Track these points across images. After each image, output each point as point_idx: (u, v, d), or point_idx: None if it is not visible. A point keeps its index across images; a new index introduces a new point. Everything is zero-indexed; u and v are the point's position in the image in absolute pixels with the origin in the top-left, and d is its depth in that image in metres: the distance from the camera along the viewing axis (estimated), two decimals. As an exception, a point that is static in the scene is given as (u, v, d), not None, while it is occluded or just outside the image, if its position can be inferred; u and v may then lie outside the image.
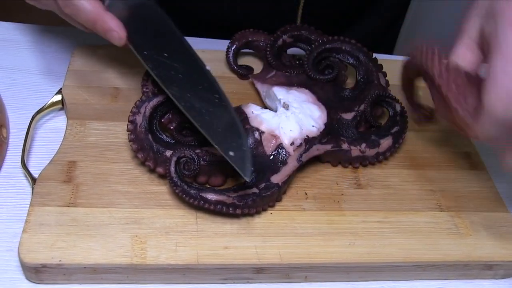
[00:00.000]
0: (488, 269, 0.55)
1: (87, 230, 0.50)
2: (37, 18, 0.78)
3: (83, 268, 0.48)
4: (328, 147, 0.59)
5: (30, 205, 0.51)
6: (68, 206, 0.52)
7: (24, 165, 0.56)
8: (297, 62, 0.68)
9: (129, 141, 0.55)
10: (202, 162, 0.54)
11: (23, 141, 0.58)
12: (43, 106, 0.62)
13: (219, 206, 0.52)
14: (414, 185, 0.61)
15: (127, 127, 0.55)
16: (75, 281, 0.50)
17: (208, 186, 0.56)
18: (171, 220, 0.52)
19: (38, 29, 0.74)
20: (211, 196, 0.52)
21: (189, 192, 0.52)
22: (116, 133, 0.59)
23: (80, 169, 0.55)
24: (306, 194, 0.57)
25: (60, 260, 0.48)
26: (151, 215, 0.52)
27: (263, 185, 0.54)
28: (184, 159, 0.53)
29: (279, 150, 0.56)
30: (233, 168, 0.56)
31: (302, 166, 0.58)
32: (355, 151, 0.60)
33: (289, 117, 0.58)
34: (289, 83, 0.65)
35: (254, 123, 0.57)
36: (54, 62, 0.69)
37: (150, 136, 0.55)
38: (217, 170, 0.56)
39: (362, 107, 0.63)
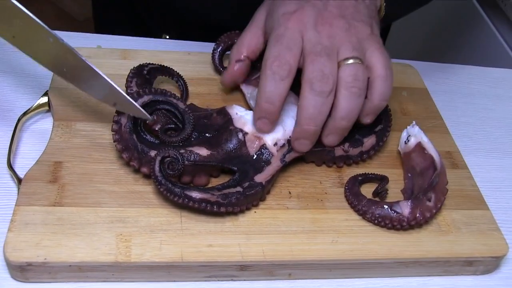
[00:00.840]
0: (468, 265, 0.56)
1: (72, 229, 0.51)
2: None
3: (68, 266, 0.49)
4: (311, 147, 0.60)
5: (15, 205, 0.52)
6: (54, 206, 0.52)
7: (10, 166, 0.57)
8: None
9: (114, 141, 0.56)
10: (186, 162, 0.55)
11: (9, 142, 0.59)
12: (30, 108, 0.62)
13: (203, 204, 0.53)
14: (397, 184, 0.61)
15: (112, 127, 0.56)
16: (61, 279, 0.50)
17: (192, 185, 0.56)
18: (156, 218, 0.53)
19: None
20: (195, 195, 0.53)
21: (174, 190, 0.53)
22: (102, 134, 0.60)
23: (66, 169, 0.56)
24: (290, 193, 0.58)
25: (45, 259, 0.48)
26: (136, 214, 0.53)
27: (247, 184, 0.55)
28: (168, 159, 0.54)
29: (262, 150, 0.57)
30: (217, 168, 0.57)
31: (286, 166, 0.59)
32: (338, 151, 0.61)
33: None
34: None
35: (238, 124, 0.58)
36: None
37: (134, 136, 0.56)
38: (201, 170, 0.56)
39: None
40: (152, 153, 0.55)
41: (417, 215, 0.55)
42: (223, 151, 0.57)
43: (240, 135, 0.57)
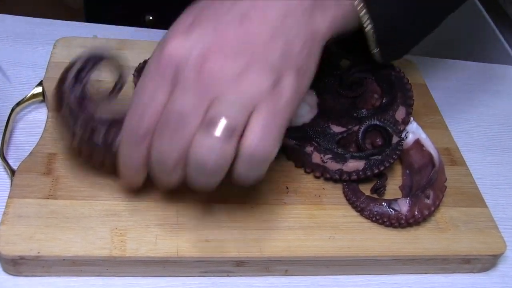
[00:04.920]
0: (466, 263, 0.56)
1: (66, 222, 0.50)
2: (19, 9, 0.77)
3: (62, 260, 0.48)
4: (291, 142, 0.59)
5: (8, 197, 0.51)
6: (48, 198, 0.51)
7: (3, 157, 0.56)
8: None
9: None
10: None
11: (2, 133, 0.58)
12: (24, 98, 0.61)
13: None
14: (395, 181, 0.61)
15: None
16: (54, 273, 0.49)
17: None
18: (152, 213, 0.52)
19: (19, 20, 0.74)
20: None
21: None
22: (97, 126, 0.59)
23: (60, 162, 0.55)
24: (287, 188, 0.57)
25: (38, 252, 0.47)
26: (131, 208, 0.52)
27: None
28: None
29: None
30: None
31: (283, 161, 0.59)
32: (316, 158, 0.58)
33: None
34: None
35: None
36: (35, 53, 0.69)
37: None
38: None
39: (356, 128, 0.60)
40: None
41: (415, 213, 0.55)
42: None
43: None
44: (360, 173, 0.57)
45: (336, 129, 0.60)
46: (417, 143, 0.61)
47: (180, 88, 0.42)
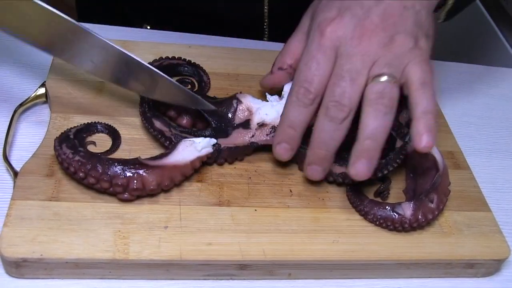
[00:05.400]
0: (469, 267, 0.56)
1: (69, 224, 0.50)
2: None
3: (65, 262, 0.48)
4: None
5: (11, 199, 0.51)
6: (50, 200, 0.51)
7: (6, 159, 0.55)
8: None
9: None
10: None
11: (5, 134, 0.57)
12: (27, 99, 0.61)
13: (159, 135, 0.56)
14: (399, 184, 0.61)
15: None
16: (57, 275, 0.49)
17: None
18: (155, 215, 0.52)
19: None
20: (157, 124, 0.57)
21: (146, 115, 0.58)
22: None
23: (63, 163, 0.55)
24: (291, 191, 0.57)
25: (41, 255, 0.47)
26: (134, 210, 0.52)
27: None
28: None
29: (244, 123, 0.59)
30: (201, 117, 0.59)
31: (287, 163, 0.59)
32: None
33: (275, 106, 0.59)
34: None
35: (240, 96, 0.60)
36: (38, 54, 0.68)
37: None
38: (185, 110, 0.60)
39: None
40: None
41: (419, 216, 0.55)
42: (214, 105, 0.59)
43: (235, 102, 0.59)
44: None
45: None
46: None
47: (346, 56, 0.53)
